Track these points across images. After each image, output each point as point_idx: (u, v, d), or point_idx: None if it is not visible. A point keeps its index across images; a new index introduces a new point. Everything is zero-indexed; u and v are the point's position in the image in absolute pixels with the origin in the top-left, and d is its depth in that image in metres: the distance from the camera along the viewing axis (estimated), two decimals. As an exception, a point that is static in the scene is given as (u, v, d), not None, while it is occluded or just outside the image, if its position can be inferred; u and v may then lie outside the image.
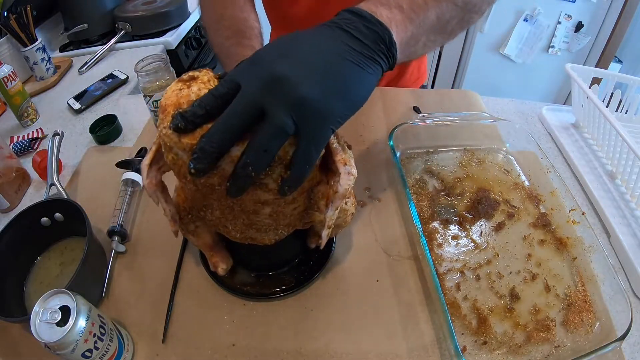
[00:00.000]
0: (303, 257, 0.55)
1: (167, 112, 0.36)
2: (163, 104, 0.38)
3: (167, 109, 0.37)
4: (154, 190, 0.43)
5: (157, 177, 0.43)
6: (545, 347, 0.47)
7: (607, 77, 0.76)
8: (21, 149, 0.78)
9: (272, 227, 0.44)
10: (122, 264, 0.57)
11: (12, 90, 0.81)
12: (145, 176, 0.42)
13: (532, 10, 1.91)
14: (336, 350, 0.47)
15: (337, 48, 0.34)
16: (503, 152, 0.72)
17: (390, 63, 0.38)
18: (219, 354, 0.47)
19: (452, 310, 0.50)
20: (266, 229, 0.45)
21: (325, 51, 0.34)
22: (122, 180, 0.64)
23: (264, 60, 0.34)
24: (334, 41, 0.34)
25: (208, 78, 0.38)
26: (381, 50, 0.36)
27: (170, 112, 0.36)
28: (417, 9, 0.42)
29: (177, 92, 0.37)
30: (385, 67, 0.38)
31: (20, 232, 0.54)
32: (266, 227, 0.44)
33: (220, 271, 0.51)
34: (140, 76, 0.73)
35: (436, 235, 0.58)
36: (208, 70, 0.39)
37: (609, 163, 0.70)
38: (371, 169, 0.68)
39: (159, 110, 0.38)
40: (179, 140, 0.35)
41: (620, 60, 2.05)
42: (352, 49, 0.34)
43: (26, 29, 0.96)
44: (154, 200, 0.43)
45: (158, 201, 0.44)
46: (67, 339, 0.38)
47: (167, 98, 0.38)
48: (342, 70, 0.34)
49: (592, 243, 0.53)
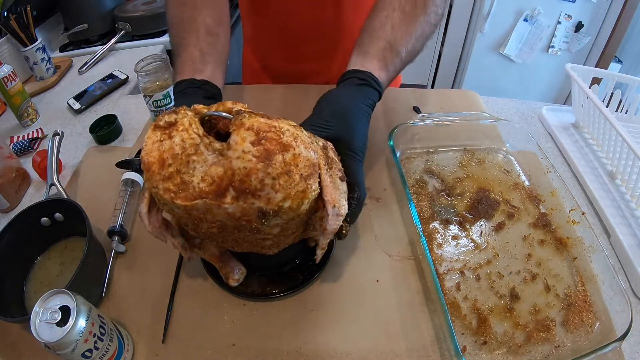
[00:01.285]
0: (303, 258, 0.55)
1: (153, 171, 0.35)
2: (145, 160, 0.36)
3: (152, 168, 0.35)
4: (158, 232, 0.43)
5: (159, 218, 0.43)
6: (545, 347, 0.47)
7: (607, 77, 0.76)
8: (21, 149, 0.78)
9: (274, 247, 0.45)
10: (122, 264, 0.57)
11: (12, 90, 0.81)
12: (148, 223, 0.42)
13: (532, 10, 1.91)
14: (336, 350, 0.47)
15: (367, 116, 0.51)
16: (503, 152, 0.72)
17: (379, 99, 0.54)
18: (219, 354, 0.47)
19: (452, 310, 0.50)
20: (269, 249, 0.45)
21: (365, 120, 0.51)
22: (122, 180, 0.64)
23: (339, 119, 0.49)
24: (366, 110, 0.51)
25: (188, 121, 0.36)
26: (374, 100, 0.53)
27: (156, 171, 0.35)
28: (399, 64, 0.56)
29: (159, 145, 0.35)
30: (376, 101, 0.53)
31: (20, 232, 0.54)
32: (268, 248, 0.45)
33: (232, 282, 0.50)
34: (140, 76, 0.73)
35: (436, 235, 0.58)
36: (185, 110, 0.37)
37: (609, 163, 0.70)
38: (371, 169, 0.68)
39: (142, 166, 0.36)
40: (172, 201, 0.35)
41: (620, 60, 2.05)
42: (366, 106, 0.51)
43: (26, 29, 0.96)
44: (161, 240, 0.44)
45: (166, 240, 0.44)
46: (67, 339, 0.38)
47: (148, 153, 0.35)
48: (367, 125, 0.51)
49: (592, 243, 0.53)
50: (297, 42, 0.84)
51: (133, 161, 0.67)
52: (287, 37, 0.84)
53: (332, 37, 0.82)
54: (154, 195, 0.37)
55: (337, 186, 0.41)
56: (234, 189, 0.34)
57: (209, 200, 0.34)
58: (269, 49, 0.91)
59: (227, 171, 0.34)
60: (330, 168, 0.41)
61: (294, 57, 0.88)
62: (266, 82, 0.95)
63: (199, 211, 0.35)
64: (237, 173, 0.34)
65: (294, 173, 0.35)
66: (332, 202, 0.39)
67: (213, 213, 0.35)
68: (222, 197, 0.34)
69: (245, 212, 0.35)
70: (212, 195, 0.34)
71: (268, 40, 0.90)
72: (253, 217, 0.36)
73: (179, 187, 0.35)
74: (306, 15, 0.79)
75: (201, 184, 0.34)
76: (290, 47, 0.86)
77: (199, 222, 0.37)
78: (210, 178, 0.34)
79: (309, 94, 0.79)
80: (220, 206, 0.34)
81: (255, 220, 0.36)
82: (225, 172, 0.34)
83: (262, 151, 0.34)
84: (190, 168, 0.35)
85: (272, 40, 0.88)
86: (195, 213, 0.36)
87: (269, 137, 0.35)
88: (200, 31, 0.58)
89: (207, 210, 0.35)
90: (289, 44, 0.86)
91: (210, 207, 0.35)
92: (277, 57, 0.91)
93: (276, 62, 0.92)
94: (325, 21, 0.80)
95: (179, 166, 0.35)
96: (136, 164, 0.67)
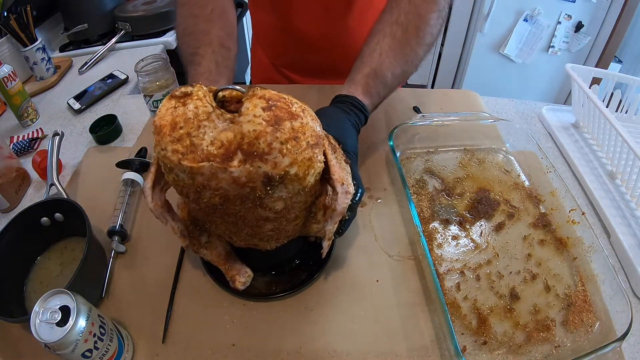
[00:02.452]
0: (303, 258, 0.55)
1: (164, 134, 0.35)
2: (157, 124, 0.36)
3: (163, 130, 0.36)
4: (160, 212, 0.43)
5: (162, 198, 0.43)
6: (545, 347, 0.47)
7: (607, 77, 0.76)
8: (21, 149, 0.78)
9: (274, 237, 0.45)
10: (122, 264, 0.57)
11: (12, 90, 0.81)
12: (150, 199, 0.42)
13: (532, 10, 1.91)
14: (336, 350, 0.47)
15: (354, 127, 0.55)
16: (503, 152, 0.72)
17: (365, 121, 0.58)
18: (219, 354, 0.47)
19: (452, 310, 0.50)
20: (268, 239, 0.45)
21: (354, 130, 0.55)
22: (122, 180, 0.64)
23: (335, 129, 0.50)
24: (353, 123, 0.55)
25: (203, 93, 0.37)
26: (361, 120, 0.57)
27: (167, 133, 0.35)
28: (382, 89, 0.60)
29: (172, 111, 0.36)
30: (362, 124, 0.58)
31: (20, 232, 0.54)
32: (268, 238, 0.45)
33: (238, 285, 0.49)
34: (140, 76, 0.73)
35: (436, 235, 0.58)
36: (201, 85, 0.38)
37: (609, 163, 0.70)
38: (371, 169, 0.68)
39: (153, 131, 0.37)
40: (179, 162, 0.35)
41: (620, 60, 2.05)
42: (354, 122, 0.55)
43: (26, 29, 0.96)
44: (162, 221, 0.44)
45: (166, 222, 0.44)
46: (67, 339, 0.38)
47: (162, 117, 0.36)
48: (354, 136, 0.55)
49: (592, 243, 0.53)
50: (304, 46, 0.84)
51: (133, 161, 0.67)
52: (294, 41, 0.84)
53: (340, 45, 0.82)
54: (161, 160, 0.37)
55: (343, 167, 0.41)
56: (241, 152, 0.35)
57: (216, 164, 0.35)
58: (278, 50, 0.92)
59: (236, 135, 0.35)
60: (334, 151, 0.42)
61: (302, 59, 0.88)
62: (274, 77, 0.96)
63: (204, 176, 0.36)
64: (247, 136, 0.34)
65: (302, 140, 0.36)
66: (341, 180, 0.40)
67: (218, 179, 0.36)
68: (229, 160, 0.35)
69: (251, 176, 0.35)
70: (219, 159, 0.35)
71: (276, 42, 0.90)
72: (258, 184, 0.36)
73: (188, 149, 0.35)
74: (314, 23, 0.79)
75: (210, 147, 0.35)
76: (298, 50, 0.86)
77: (202, 189, 0.37)
78: (219, 142, 0.35)
79: (314, 93, 0.79)
80: (226, 170, 0.35)
81: (260, 187, 0.36)
82: (235, 136, 0.35)
83: (272, 116, 0.35)
84: (201, 132, 0.35)
85: (280, 42, 0.89)
86: (200, 179, 0.36)
87: (279, 105, 0.36)
88: (215, 44, 0.59)
89: (212, 175, 0.35)
90: (296, 46, 0.86)
91: (215, 172, 0.35)
92: (284, 55, 0.92)
93: (284, 59, 0.93)
94: (333, 29, 0.80)
95: (190, 129, 0.35)
96: (136, 164, 0.67)
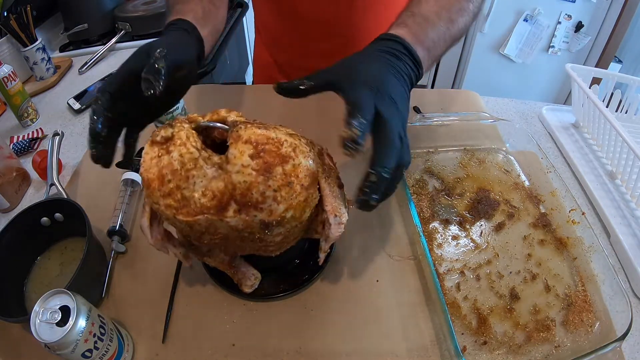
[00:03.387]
0: (303, 258, 0.55)
1: (153, 188, 0.35)
2: (145, 177, 0.35)
3: (152, 185, 0.35)
4: (161, 245, 0.43)
5: (161, 231, 0.43)
6: (545, 347, 0.47)
7: (607, 77, 0.76)
8: (21, 149, 0.78)
9: (277, 248, 0.45)
10: (122, 264, 0.57)
11: (12, 90, 0.81)
12: (150, 237, 0.42)
13: (532, 10, 1.91)
14: (336, 350, 0.47)
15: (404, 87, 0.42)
16: (503, 152, 0.72)
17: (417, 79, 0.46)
18: (219, 354, 0.47)
19: (452, 310, 0.50)
20: (272, 252, 0.45)
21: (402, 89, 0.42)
22: (122, 180, 0.64)
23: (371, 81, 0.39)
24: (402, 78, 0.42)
25: (185, 134, 0.36)
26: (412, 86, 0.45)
27: (156, 188, 0.35)
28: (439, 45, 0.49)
29: (157, 161, 0.35)
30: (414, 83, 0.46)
31: (20, 232, 0.54)
32: (272, 250, 0.45)
33: (245, 289, 0.49)
34: (140, 76, 0.73)
35: (436, 235, 0.58)
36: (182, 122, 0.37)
37: (609, 163, 0.70)
38: (371, 169, 0.68)
39: (142, 183, 0.36)
40: (174, 216, 0.35)
41: (620, 60, 2.05)
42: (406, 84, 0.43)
43: (26, 29, 0.96)
44: (164, 252, 0.44)
45: (168, 252, 0.44)
46: (67, 339, 0.37)
47: (147, 170, 0.35)
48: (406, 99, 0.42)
49: (592, 243, 0.53)
50: (308, 37, 0.84)
51: (133, 161, 0.67)
52: (299, 31, 0.84)
53: (344, 35, 0.82)
54: (156, 210, 0.37)
55: (335, 194, 0.40)
56: (235, 203, 0.34)
57: (211, 216, 0.34)
58: (282, 42, 0.91)
59: (227, 185, 0.34)
60: (328, 176, 0.41)
61: (305, 53, 0.87)
62: (276, 76, 0.95)
63: (202, 225, 0.35)
64: (238, 187, 0.34)
65: (295, 184, 0.35)
66: (333, 212, 0.39)
67: (216, 226, 0.36)
68: (224, 211, 0.34)
69: (247, 224, 0.35)
70: (214, 210, 0.34)
71: (280, 33, 0.89)
72: (256, 229, 0.36)
73: (180, 203, 0.35)
74: (318, 12, 0.79)
75: (202, 199, 0.34)
76: (302, 42, 0.86)
77: (202, 234, 0.37)
78: (211, 193, 0.34)
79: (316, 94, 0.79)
80: (222, 220, 0.35)
81: (258, 231, 0.36)
82: (226, 187, 0.34)
83: (261, 164, 0.34)
84: (190, 183, 0.34)
85: (284, 33, 0.88)
86: (198, 227, 0.36)
87: (268, 149, 0.35)
88: None
89: (209, 224, 0.35)
90: (300, 38, 0.85)
91: (212, 222, 0.35)
92: (287, 50, 0.91)
93: (287, 55, 0.92)
94: (337, 18, 0.80)
95: (179, 182, 0.34)
96: (136, 164, 0.66)
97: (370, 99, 0.37)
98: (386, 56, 0.42)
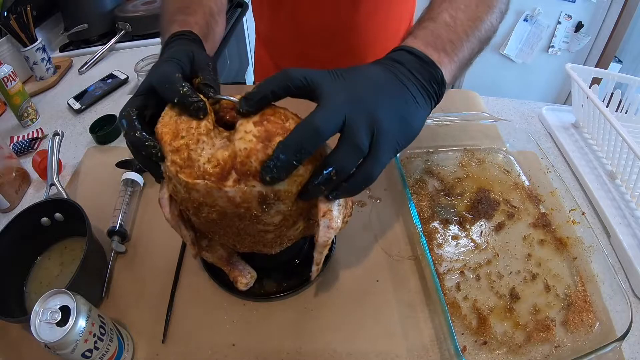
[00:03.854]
0: (303, 258, 0.55)
1: (164, 142, 0.35)
2: (160, 131, 0.36)
3: (164, 138, 0.35)
4: (176, 222, 0.43)
5: (177, 207, 0.42)
6: (545, 347, 0.47)
7: (607, 77, 0.76)
8: (21, 149, 0.78)
9: (277, 243, 0.45)
10: (122, 264, 0.57)
11: (12, 90, 0.81)
12: (168, 210, 0.41)
13: (532, 10, 1.91)
14: (336, 350, 0.47)
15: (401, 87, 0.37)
16: (503, 152, 0.72)
17: (438, 100, 0.41)
18: (219, 354, 0.47)
19: (452, 310, 0.50)
20: (271, 245, 0.45)
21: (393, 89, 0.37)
22: (122, 180, 0.64)
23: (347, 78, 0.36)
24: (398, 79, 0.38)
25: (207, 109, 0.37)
26: (434, 91, 0.40)
27: (167, 142, 0.35)
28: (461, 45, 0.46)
29: (176, 119, 0.36)
30: (434, 104, 0.41)
31: (20, 232, 0.54)
32: (272, 243, 0.45)
33: (240, 286, 0.49)
34: (140, 76, 0.73)
35: (436, 235, 0.58)
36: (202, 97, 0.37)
37: (609, 163, 0.70)
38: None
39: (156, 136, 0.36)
40: (176, 174, 0.35)
41: (620, 60, 2.05)
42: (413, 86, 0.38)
43: (26, 29, 0.96)
44: (176, 230, 0.43)
45: (180, 230, 0.44)
46: (67, 339, 0.38)
47: (165, 125, 0.36)
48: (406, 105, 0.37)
49: (592, 243, 0.53)
50: (309, 45, 0.84)
51: (133, 161, 0.67)
52: (299, 38, 0.84)
53: (346, 42, 0.82)
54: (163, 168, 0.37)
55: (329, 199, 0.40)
56: (235, 171, 0.34)
57: (210, 183, 0.34)
58: (282, 48, 0.91)
59: (230, 154, 0.35)
60: None
61: (306, 60, 0.87)
62: None
63: (200, 193, 0.35)
64: (239, 155, 0.34)
65: None
66: (322, 211, 0.38)
67: (214, 197, 0.35)
68: (224, 180, 0.34)
69: (245, 196, 0.35)
70: (215, 177, 0.34)
71: (281, 39, 0.89)
72: (254, 204, 0.36)
73: (185, 162, 0.35)
74: (318, 19, 0.79)
75: (206, 164, 0.34)
76: (303, 49, 0.86)
77: (199, 205, 0.37)
78: (215, 160, 0.35)
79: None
80: (220, 189, 0.34)
81: (255, 207, 0.36)
82: (229, 155, 0.35)
83: (262, 132, 0.34)
84: (199, 147, 0.35)
85: (285, 39, 0.88)
86: (196, 195, 0.36)
87: (272, 119, 0.35)
88: (207, 12, 0.57)
89: (207, 192, 0.35)
90: (301, 46, 0.85)
91: (210, 190, 0.35)
92: (288, 57, 0.91)
93: (287, 62, 0.92)
94: (338, 26, 0.79)
95: (189, 141, 0.35)
96: (136, 164, 0.67)
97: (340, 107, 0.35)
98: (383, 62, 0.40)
